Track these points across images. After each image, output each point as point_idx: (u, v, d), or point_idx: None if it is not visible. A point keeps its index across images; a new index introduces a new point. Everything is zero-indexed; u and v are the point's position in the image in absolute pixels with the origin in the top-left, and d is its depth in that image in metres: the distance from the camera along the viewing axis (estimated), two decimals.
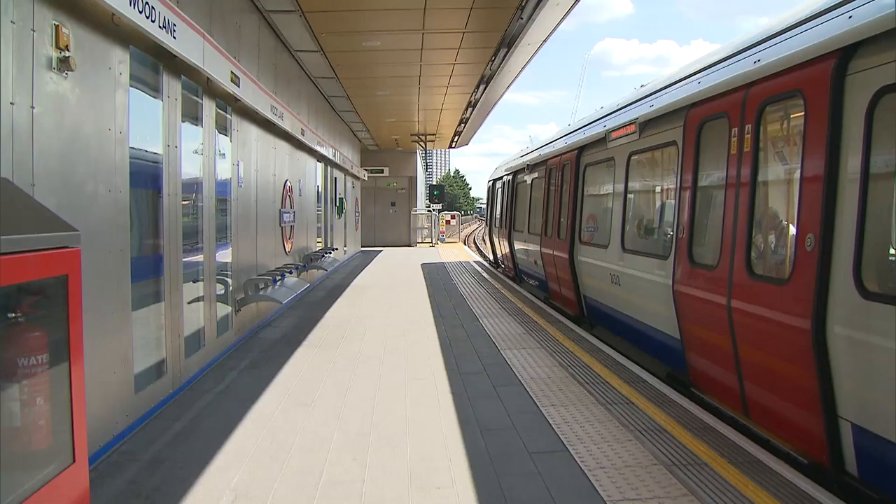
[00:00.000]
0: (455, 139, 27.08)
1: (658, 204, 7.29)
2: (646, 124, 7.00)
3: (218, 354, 7.15)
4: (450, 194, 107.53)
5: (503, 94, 17.68)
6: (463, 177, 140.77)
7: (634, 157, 7.54)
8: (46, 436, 3.03)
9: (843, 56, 3.90)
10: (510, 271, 16.06)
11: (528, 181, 13.47)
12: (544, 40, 11.77)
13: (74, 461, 3.04)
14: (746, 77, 4.95)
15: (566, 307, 10.54)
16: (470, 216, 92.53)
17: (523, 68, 14.17)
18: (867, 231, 3.65)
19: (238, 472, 4.15)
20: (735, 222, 4.96)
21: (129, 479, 4.05)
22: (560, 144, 10.94)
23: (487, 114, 21.37)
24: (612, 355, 7.18)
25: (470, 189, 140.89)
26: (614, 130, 7.90)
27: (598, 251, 8.39)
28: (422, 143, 26.35)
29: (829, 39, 3.99)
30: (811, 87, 4.17)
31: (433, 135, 25.40)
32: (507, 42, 11.57)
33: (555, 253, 10.54)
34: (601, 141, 8.47)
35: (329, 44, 11.50)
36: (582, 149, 9.50)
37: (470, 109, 19.43)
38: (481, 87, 15.90)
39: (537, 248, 11.91)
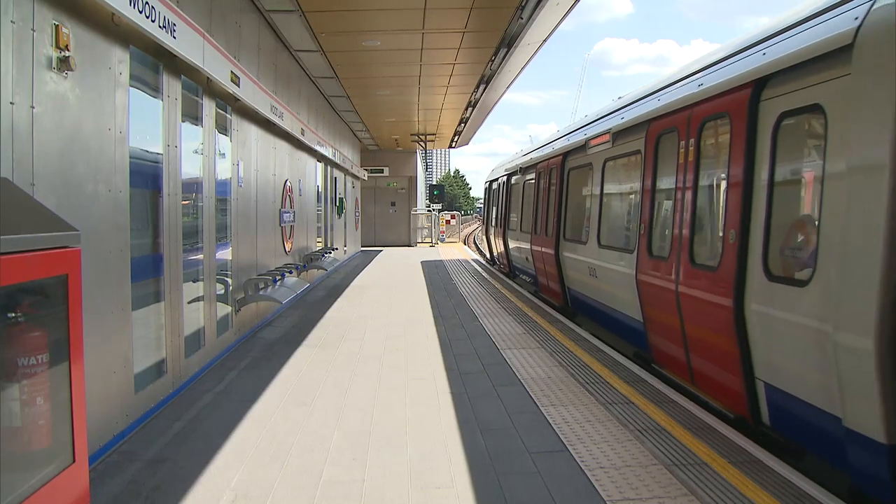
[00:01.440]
0: (455, 139, 27.07)
1: (626, 204, 8.05)
2: (617, 134, 7.91)
3: (218, 354, 7.16)
4: (450, 194, 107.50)
5: (503, 94, 17.67)
6: (463, 177, 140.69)
7: (609, 163, 8.44)
8: (46, 436, 3.03)
9: (757, 86, 4.81)
10: (505, 268, 17.09)
11: (521, 183, 14.44)
12: (544, 40, 11.77)
13: (74, 461, 3.04)
14: (691, 98, 5.87)
15: (553, 299, 11.50)
16: (470, 216, 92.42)
17: (523, 68, 14.16)
18: (772, 227, 4.60)
19: (238, 471, 4.15)
20: (682, 220, 5.90)
21: (129, 479, 4.05)
22: (548, 150, 11.96)
23: (487, 114, 21.36)
24: (611, 355, 7.19)
25: (470, 189, 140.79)
26: (593, 139, 8.91)
27: (579, 247, 9.34)
28: (422, 143, 26.34)
29: (748, 71, 4.91)
30: (735, 110, 5.07)
31: (433, 135, 25.38)
32: (507, 42, 11.57)
33: (543, 249, 11.49)
34: (582, 147, 9.42)
35: (329, 44, 11.50)
36: (566, 154, 10.43)
37: (470, 109, 19.43)
38: (481, 87, 15.90)
39: (528, 245, 12.91)
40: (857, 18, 3.81)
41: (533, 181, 12.89)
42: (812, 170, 4.46)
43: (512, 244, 15.29)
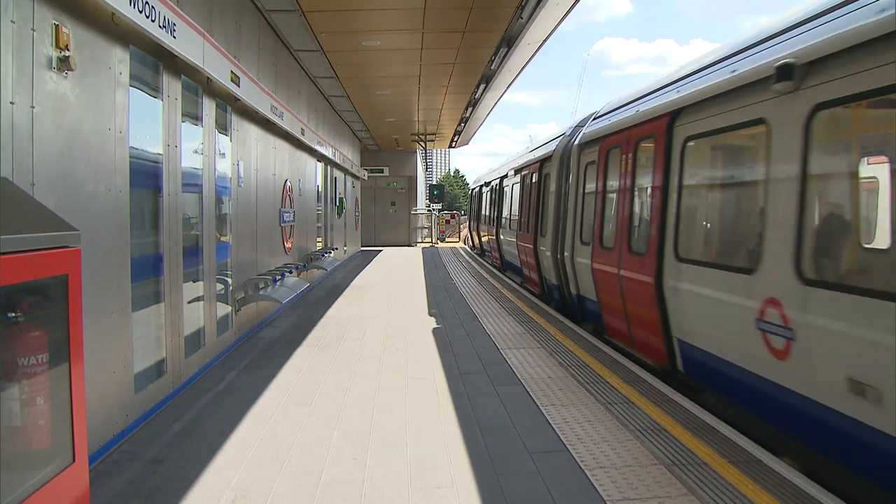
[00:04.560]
0: (455, 139, 27.09)
1: (520, 206, 14.07)
2: (517, 169, 14.80)
3: (218, 354, 7.15)
4: (450, 194, 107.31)
5: (503, 93, 17.70)
6: (463, 176, 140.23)
7: (514, 185, 15.18)
8: (46, 436, 3.04)
9: (542, 162, 11.85)
10: (478, 250, 24.04)
11: (487, 192, 21.22)
12: (544, 40, 11.79)
13: (74, 461, 3.04)
14: (534, 159, 12.56)
15: (496, 263, 18.53)
16: None
17: (523, 68, 14.18)
18: (560, 216, 10.35)
19: (238, 471, 4.15)
20: (535, 214, 12.14)
21: (128, 479, 4.05)
22: (499, 172, 18.64)
23: (488, 113, 21.38)
24: (611, 354, 7.19)
25: None
26: (510, 170, 15.96)
27: (506, 231, 16.11)
28: (422, 143, 26.36)
29: (537, 156, 12.39)
30: (536, 170, 12.24)
31: (433, 135, 25.41)
32: (507, 42, 11.58)
33: (492, 236, 18.83)
34: (507, 174, 16.46)
35: (329, 44, 11.51)
36: (503, 177, 17.27)
37: (470, 109, 19.44)
38: (481, 87, 15.92)
39: (487, 235, 20.55)
40: (556, 144, 10.94)
41: (491, 192, 19.87)
42: (553, 195, 10.59)
43: (483, 235, 22.56)
